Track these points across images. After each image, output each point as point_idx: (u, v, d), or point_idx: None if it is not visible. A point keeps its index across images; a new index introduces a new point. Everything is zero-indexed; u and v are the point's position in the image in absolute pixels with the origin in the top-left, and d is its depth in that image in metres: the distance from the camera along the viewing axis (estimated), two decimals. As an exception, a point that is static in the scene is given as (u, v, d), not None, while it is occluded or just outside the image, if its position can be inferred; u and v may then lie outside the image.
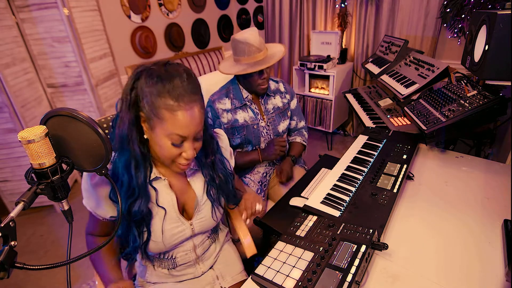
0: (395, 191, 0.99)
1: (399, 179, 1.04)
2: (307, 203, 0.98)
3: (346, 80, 2.95)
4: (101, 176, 0.69)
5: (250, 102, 1.45)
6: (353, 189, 1.03)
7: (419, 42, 2.52)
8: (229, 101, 1.42)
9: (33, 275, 1.79)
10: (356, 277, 0.68)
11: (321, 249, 0.77)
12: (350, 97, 2.45)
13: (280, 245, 0.82)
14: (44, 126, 0.56)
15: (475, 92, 1.19)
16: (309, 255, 0.77)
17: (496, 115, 1.14)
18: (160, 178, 0.84)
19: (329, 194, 1.02)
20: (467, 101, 1.18)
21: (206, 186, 0.93)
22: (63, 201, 0.60)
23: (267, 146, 1.48)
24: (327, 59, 2.77)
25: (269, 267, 0.76)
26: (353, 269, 0.69)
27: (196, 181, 0.92)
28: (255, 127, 1.45)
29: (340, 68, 2.79)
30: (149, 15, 2.85)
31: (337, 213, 0.93)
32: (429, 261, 0.79)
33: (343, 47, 2.97)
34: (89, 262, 0.90)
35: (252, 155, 1.46)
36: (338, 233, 0.82)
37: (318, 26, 3.10)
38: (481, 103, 1.12)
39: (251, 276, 0.77)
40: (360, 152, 1.26)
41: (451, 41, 2.42)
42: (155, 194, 0.84)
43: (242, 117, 1.43)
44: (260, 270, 0.75)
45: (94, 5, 2.35)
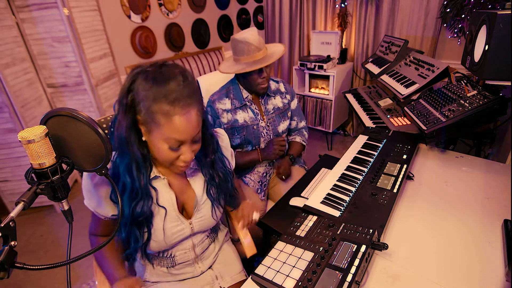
0: (395, 191, 0.99)
1: (399, 179, 1.04)
2: (307, 203, 0.98)
3: (346, 80, 2.95)
4: (101, 176, 0.69)
5: (250, 102, 1.45)
6: (353, 189, 1.03)
7: (419, 42, 2.52)
8: (229, 101, 1.42)
9: (33, 275, 1.79)
10: (356, 277, 0.68)
11: (321, 249, 0.77)
12: (350, 97, 2.45)
13: (280, 245, 0.82)
14: (44, 126, 0.56)
15: (475, 92, 1.19)
16: (309, 255, 0.77)
17: (496, 115, 1.14)
18: (160, 177, 0.84)
19: (329, 194, 1.02)
20: (467, 101, 1.18)
21: (206, 185, 0.93)
22: (63, 201, 0.60)
23: (266, 145, 1.48)
24: (327, 59, 2.77)
25: (269, 267, 0.76)
26: (353, 269, 0.69)
27: (196, 180, 0.92)
28: (255, 127, 1.45)
29: (340, 68, 2.80)
30: (149, 15, 2.85)
31: (337, 213, 0.93)
32: (429, 261, 0.79)
33: (343, 47, 2.97)
34: (89, 262, 0.90)
35: (252, 155, 1.46)
36: (338, 233, 0.82)
37: (318, 26, 3.10)
38: (481, 103, 1.12)
39: (251, 276, 0.77)
40: (360, 152, 1.26)
41: (451, 41, 2.42)
42: (155, 194, 0.84)
43: (242, 117, 1.43)
44: (260, 270, 0.75)
45: (94, 5, 2.35)
